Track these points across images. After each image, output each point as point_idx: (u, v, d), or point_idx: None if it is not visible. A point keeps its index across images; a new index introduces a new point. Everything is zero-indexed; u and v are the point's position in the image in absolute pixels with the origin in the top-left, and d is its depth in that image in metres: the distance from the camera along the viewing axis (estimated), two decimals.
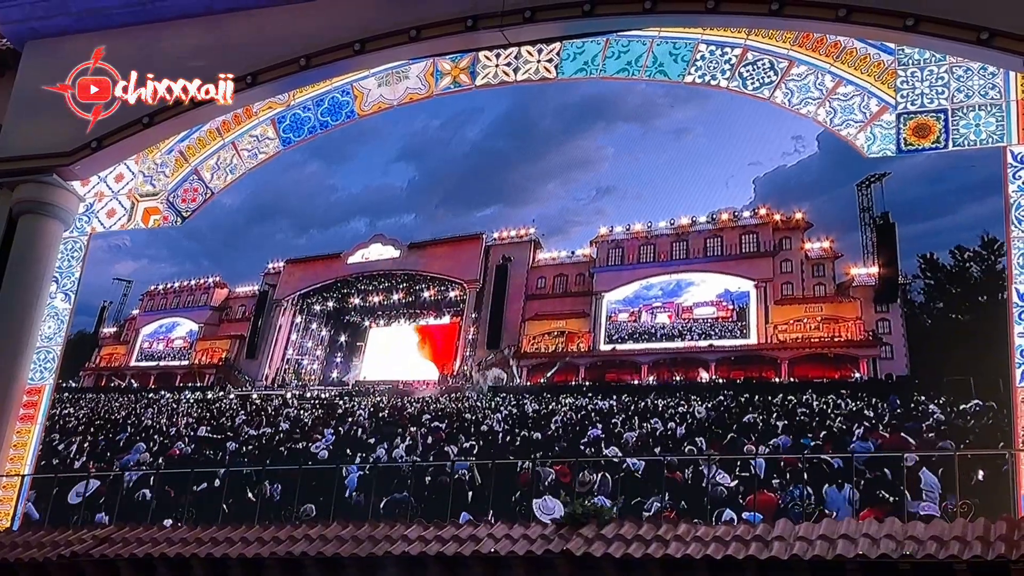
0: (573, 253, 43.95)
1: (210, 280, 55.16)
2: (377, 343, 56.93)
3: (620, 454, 19.99)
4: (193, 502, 18.73)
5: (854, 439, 16.29)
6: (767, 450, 17.00)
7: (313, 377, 50.82)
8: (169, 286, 56.75)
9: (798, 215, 19.95)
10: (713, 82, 18.22)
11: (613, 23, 17.77)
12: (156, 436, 29.23)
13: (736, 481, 16.61)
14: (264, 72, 18.81)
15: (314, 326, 52.93)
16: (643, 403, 24.45)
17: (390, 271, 53.81)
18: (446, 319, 52.76)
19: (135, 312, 53.53)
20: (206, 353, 48.06)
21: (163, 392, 40.28)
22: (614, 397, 26.83)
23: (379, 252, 49.80)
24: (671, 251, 25.23)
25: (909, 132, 16.14)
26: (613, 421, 23.46)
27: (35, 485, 18.92)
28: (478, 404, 35.78)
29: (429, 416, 31.08)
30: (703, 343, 23.25)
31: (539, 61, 19.62)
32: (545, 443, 23.48)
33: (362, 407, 37.48)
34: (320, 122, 21.15)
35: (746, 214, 21.45)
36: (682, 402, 22.21)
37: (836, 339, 19.04)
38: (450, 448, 25.48)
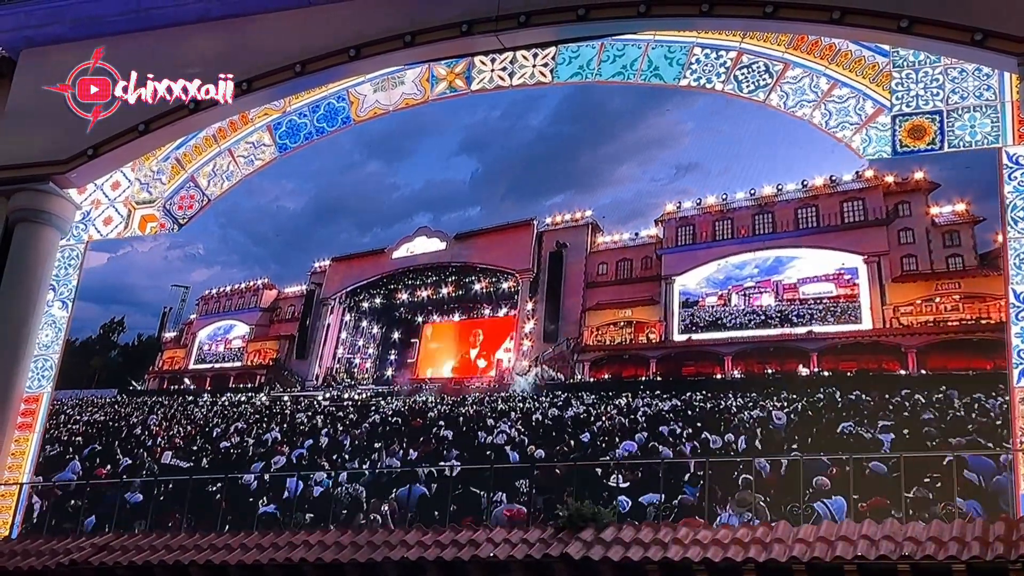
0: (637, 235, 42.51)
1: (259, 282, 55.52)
2: (431, 339, 56.35)
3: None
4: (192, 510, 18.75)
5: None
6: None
7: (366, 375, 50.89)
8: (222, 290, 57.28)
9: (917, 175, 17.91)
10: (708, 85, 18.25)
11: (608, 27, 17.80)
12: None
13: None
14: (259, 79, 18.81)
15: (364, 324, 52.91)
16: (723, 401, 22.41)
17: (437, 264, 53.26)
18: (504, 311, 52.03)
19: (192, 316, 54.30)
20: (258, 354, 48.78)
21: (204, 395, 39.46)
22: (688, 394, 25.00)
23: (424, 245, 49.35)
24: (753, 225, 22.91)
25: (904, 134, 16.17)
26: (679, 424, 21.46)
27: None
28: (502, 407, 34.62)
29: (442, 422, 30.14)
30: (800, 330, 20.54)
31: (535, 65, 19.63)
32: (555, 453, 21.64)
33: (388, 409, 37.00)
34: (316, 128, 21.14)
35: (847, 177, 19.38)
36: (773, 398, 19.30)
37: (983, 321, 15.98)
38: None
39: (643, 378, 31.76)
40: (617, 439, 21.79)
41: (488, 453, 22.49)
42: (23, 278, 19.13)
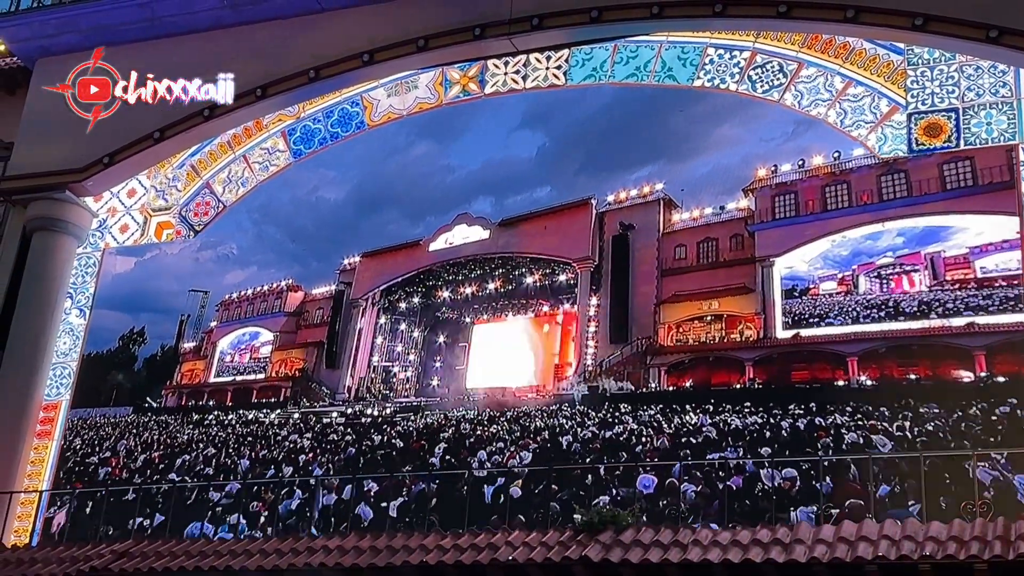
0: (722, 209, 38.39)
1: (283, 284, 52.94)
2: (482, 342, 51.87)
3: None
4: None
5: None
6: None
7: (407, 386, 46.84)
8: (243, 294, 54.52)
9: None
10: (723, 86, 18.22)
11: (621, 29, 17.74)
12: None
13: None
14: (273, 85, 18.85)
15: (403, 327, 48.94)
16: (847, 413, 18.55)
17: (482, 256, 49.21)
18: (567, 306, 47.65)
19: (212, 324, 51.12)
20: (283, 364, 45.34)
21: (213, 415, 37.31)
22: (793, 405, 21.68)
23: (464, 235, 45.27)
24: (878, 189, 20.26)
25: (920, 132, 16.11)
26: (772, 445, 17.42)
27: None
28: (538, 424, 31.11)
29: (444, 445, 27.76)
30: (958, 321, 18.45)
31: (548, 68, 19.62)
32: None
33: (394, 430, 33.71)
34: (330, 133, 21.16)
35: None
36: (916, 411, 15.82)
37: None
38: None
39: (736, 385, 27.76)
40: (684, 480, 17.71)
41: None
42: (41, 286, 19.21)
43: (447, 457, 25.60)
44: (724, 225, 38.18)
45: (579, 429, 28.13)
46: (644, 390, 35.70)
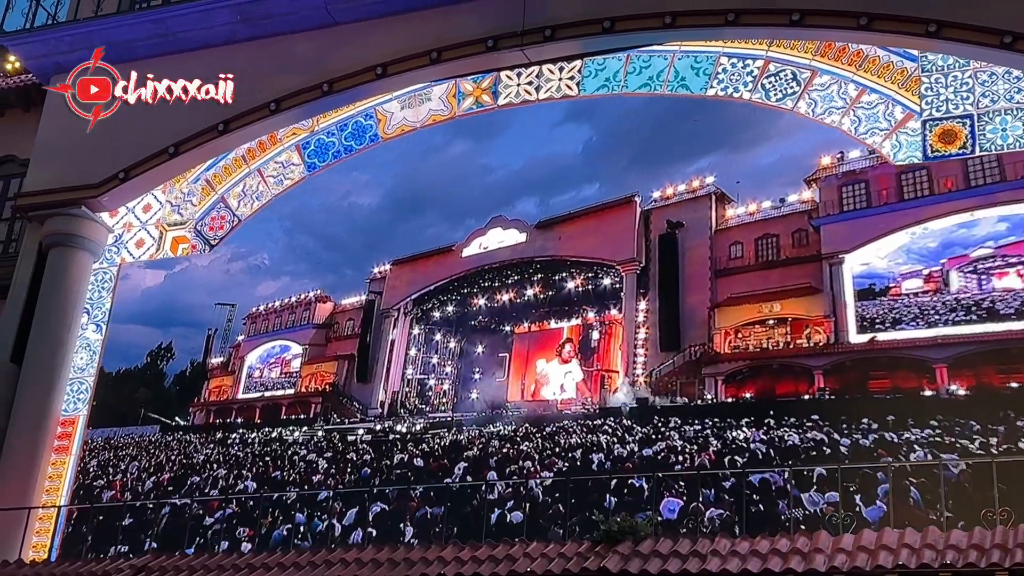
0: (782, 201, 35.33)
1: (311, 294, 50.99)
2: (522, 352, 48.46)
3: None
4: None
5: None
6: None
7: (444, 400, 44.39)
8: (271, 306, 52.54)
9: None
10: (736, 95, 18.20)
11: (633, 39, 17.77)
12: None
13: None
14: (287, 99, 18.91)
15: (438, 337, 46.44)
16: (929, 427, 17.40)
17: (519, 261, 46.28)
18: (614, 312, 44.19)
19: (240, 338, 48.97)
20: (313, 378, 43.00)
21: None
22: (867, 420, 19.71)
23: (500, 239, 42.82)
24: (964, 173, 18.34)
25: (935, 138, 16.07)
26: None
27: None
28: (574, 440, 29.55)
29: (464, 464, 26.45)
30: None
31: (561, 79, 19.64)
32: None
33: (418, 448, 32.32)
34: (344, 146, 21.22)
35: None
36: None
37: None
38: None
39: (805, 396, 25.96)
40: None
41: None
42: (58, 302, 19.28)
43: (467, 477, 24.74)
44: (785, 220, 34.43)
45: (617, 446, 26.81)
46: (698, 402, 33.23)
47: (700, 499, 18.01)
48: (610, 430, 30.64)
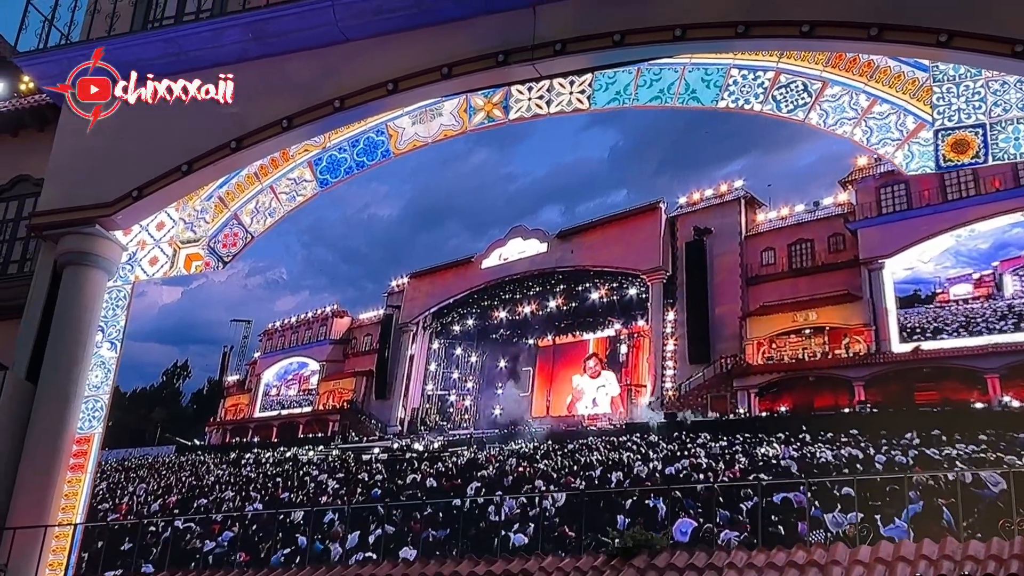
0: (816, 204, 33.91)
1: (328, 309, 49.73)
2: (546, 366, 46.80)
3: None
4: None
5: None
6: None
7: (466, 416, 43.07)
8: (286, 322, 51.29)
9: None
10: (747, 106, 18.19)
11: (644, 52, 17.78)
12: None
13: None
14: (299, 115, 18.97)
15: (458, 351, 45.22)
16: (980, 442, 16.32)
17: (540, 272, 44.89)
18: (641, 323, 42.66)
19: (256, 355, 47.64)
20: (331, 396, 41.71)
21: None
22: (909, 434, 18.72)
23: (520, 249, 41.73)
24: (1015, 173, 16.89)
25: (948, 148, 16.04)
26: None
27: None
28: (595, 457, 28.46)
29: (477, 484, 25.31)
30: None
31: (571, 93, 19.67)
32: None
33: (433, 468, 31.26)
34: (356, 162, 21.26)
35: None
36: None
37: None
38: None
39: (844, 409, 24.68)
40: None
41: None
42: (72, 320, 19.34)
43: (478, 499, 24.17)
44: (819, 224, 32.69)
45: (639, 464, 26.00)
46: (730, 416, 32.54)
47: (716, 519, 17.70)
48: (634, 447, 29.84)
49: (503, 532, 19.99)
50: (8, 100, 24.20)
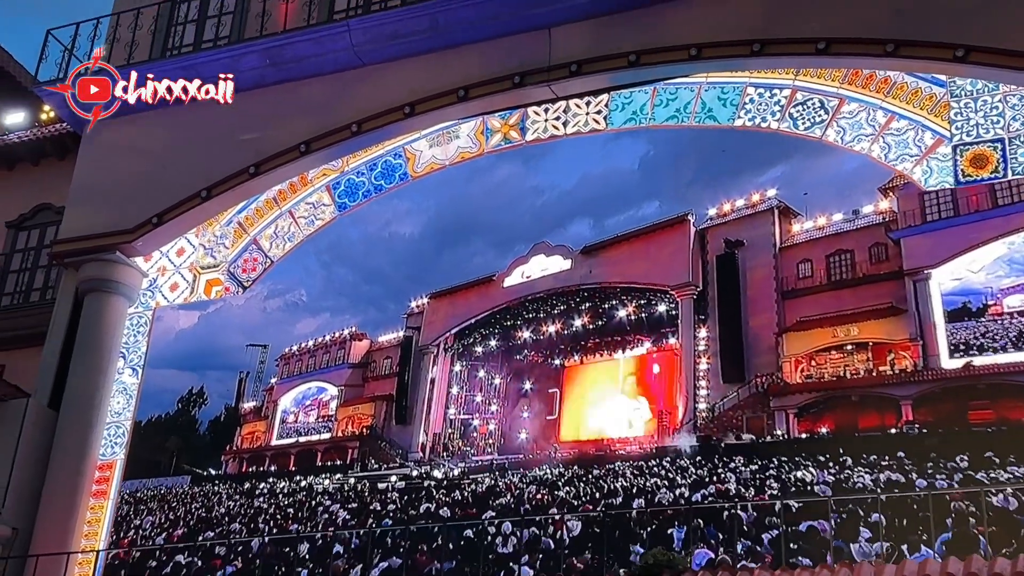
0: (856, 213, 32.02)
1: (346, 332, 48.06)
2: (574, 388, 44.62)
3: None
4: None
5: None
6: None
7: (491, 442, 41.08)
8: (303, 345, 49.60)
9: None
10: (764, 124, 18.18)
11: (660, 72, 17.78)
12: None
13: None
14: (317, 140, 19.05)
15: (481, 374, 43.50)
16: None
17: (564, 289, 42.89)
18: (672, 341, 40.43)
19: (273, 381, 46.01)
20: (350, 422, 40.07)
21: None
22: (960, 457, 17.69)
23: (543, 266, 40.19)
24: None
25: (966, 163, 15.96)
26: None
27: None
28: (620, 483, 27.09)
29: (492, 514, 24.16)
30: None
31: (588, 113, 19.70)
32: None
33: (451, 495, 29.93)
34: (374, 185, 21.34)
35: None
36: None
37: None
38: None
39: (892, 429, 23.36)
40: None
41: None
42: (94, 347, 19.42)
43: (490, 529, 23.42)
44: (859, 233, 29.73)
45: (665, 490, 24.82)
46: (767, 438, 30.51)
47: (735, 549, 17.36)
48: (662, 472, 28.49)
49: (511, 564, 19.68)
50: (29, 130, 24.42)
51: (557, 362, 46.52)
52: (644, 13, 17.24)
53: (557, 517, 21.27)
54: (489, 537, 21.67)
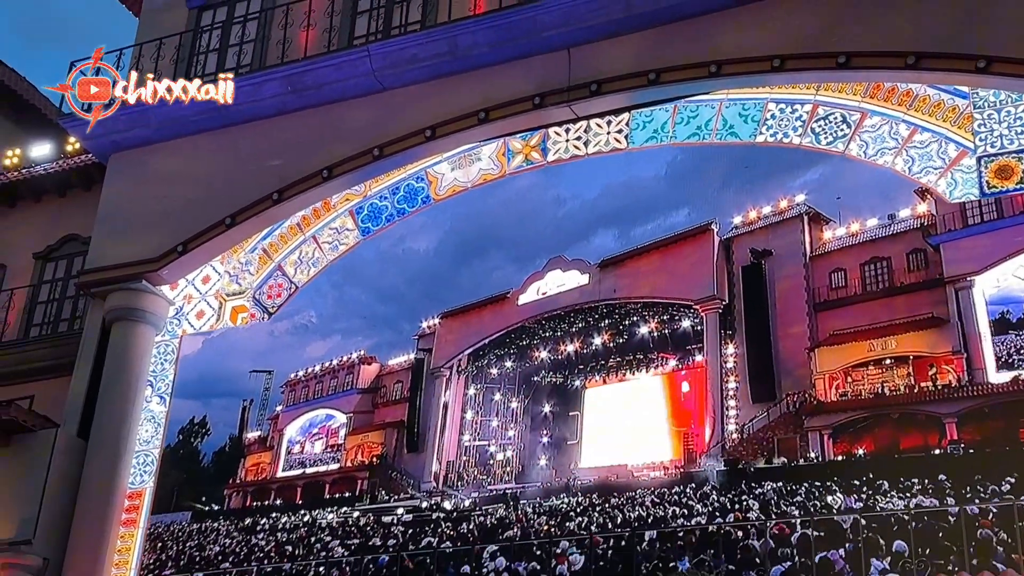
0: (892, 218, 30.18)
1: (354, 355, 46.09)
2: (596, 410, 42.70)
3: None
4: None
5: None
6: None
7: (509, 469, 39.46)
8: (310, 371, 47.64)
9: None
10: (785, 140, 18.12)
11: (680, 89, 17.73)
12: None
13: None
14: (339, 165, 19.12)
15: (497, 397, 41.90)
16: None
17: (582, 306, 41.09)
18: (699, 358, 38.59)
19: (278, 408, 44.45)
20: (359, 450, 38.74)
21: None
22: (1014, 479, 16.33)
23: (559, 282, 38.79)
24: None
25: (991, 174, 15.84)
26: None
27: None
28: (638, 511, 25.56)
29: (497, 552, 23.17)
30: None
31: (609, 132, 19.71)
32: None
33: (456, 528, 28.50)
34: (397, 209, 21.41)
35: None
36: None
37: None
38: None
39: (936, 450, 22.06)
40: None
41: None
42: (122, 376, 19.50)
43: (493, 565, 22.49)
44: (896, 239, 30.08)
45: (683, 519, 23.59)
46: (800, 461, 28.78)
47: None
48: (683, 500, 26.85)
49: None
50: (55, 161, 24.64)
51: (577, 383, 44.70)
52: (663, 31, 17.23)
53: (558, 552, 20.82)
54: (485, 571, 21.05)
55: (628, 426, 41.41)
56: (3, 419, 18.60)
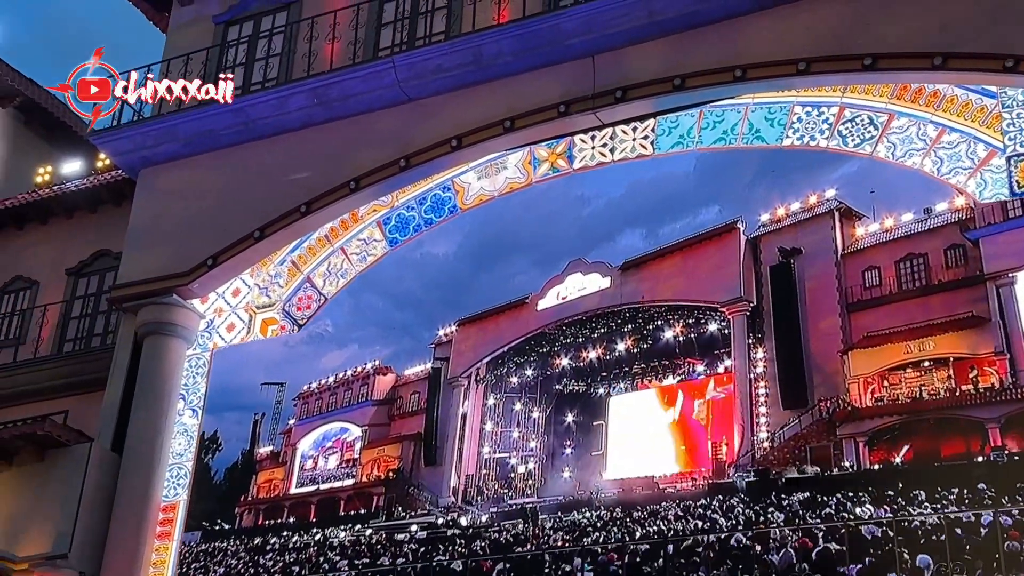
0: (928, 212, 28.61)
1: (369, 366, 44.79)
2: (621, 419, 41.45)
3: None
4: None
5: None
6: None
7: (531, 482, 38.34)
8: (323, 382, 46.25)
9: None
10: (812, 143, 18.04)
11: (705, 95, 17.68)
12: None
13: None
14: (366, 176, 19.19)
15: (517, 407, 40.90)
16: None
17: (605, 310, 39.89)
18: (728, 363, 37.19)
19: (291, 422, 43.47)
20: (375, 465, 37.99)
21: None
22: None
23: (580, 286, 37.96)
24: None
25: (1021, 174, 15.70)
26: None
27: None
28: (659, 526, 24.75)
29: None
30: None
31: (635, 139, 19.69)
32: None
33: (468, 547, 27.54)
34: (424, 219, 21.47)
35: None
36: None
37: None
38: None
39: (978, 457, 21.18)
40: None
41: None
42: (154, 389, 19.63)
43: None
44: (933, 234, 29.02)
45: (704, 534, 22.61)
46: (834, 471, 27.46)
47: None
48: (708, 513, 25.71)
49: None
50: (86, 178, 24.87)
51: (601, 391, 43.38)
52: (686, 36, 17.20)
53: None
54: None
55: (652, 434, 40.08)
56: (38, 434, 18.77)
